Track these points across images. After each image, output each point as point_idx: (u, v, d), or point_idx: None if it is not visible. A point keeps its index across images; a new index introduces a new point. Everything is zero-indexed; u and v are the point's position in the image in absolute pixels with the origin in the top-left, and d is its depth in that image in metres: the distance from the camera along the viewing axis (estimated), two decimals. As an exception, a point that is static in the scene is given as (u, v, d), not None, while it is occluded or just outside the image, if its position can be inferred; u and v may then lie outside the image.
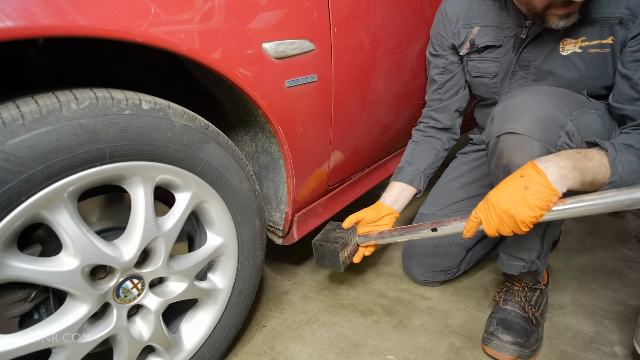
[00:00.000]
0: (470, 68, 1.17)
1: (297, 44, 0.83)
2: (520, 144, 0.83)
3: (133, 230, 0.66)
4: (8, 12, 0.45)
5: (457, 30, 1.15)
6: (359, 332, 1.06)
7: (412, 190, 1.22)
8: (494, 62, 1.10)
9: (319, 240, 1.05)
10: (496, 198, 0.76)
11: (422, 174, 1.23)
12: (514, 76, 1.08)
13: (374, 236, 1.06)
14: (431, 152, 1.26)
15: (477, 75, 1.16)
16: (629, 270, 1.29)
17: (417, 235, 0.96)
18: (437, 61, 1.24)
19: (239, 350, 1.00)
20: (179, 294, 0.76)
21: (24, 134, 0.50)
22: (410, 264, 1.24)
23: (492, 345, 0.96)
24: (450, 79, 1.23)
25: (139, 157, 0.62)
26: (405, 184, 1.21)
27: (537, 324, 0.99)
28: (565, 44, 0.97)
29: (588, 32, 0.93)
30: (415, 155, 1.26)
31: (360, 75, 1.08)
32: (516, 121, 0.84)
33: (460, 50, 1.17)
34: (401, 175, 1.23)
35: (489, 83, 1.14)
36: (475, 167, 1.29)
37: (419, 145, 1.28)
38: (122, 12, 0.55)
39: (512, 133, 0.84)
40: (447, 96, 1.25)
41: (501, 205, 0.75)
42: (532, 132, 0.81)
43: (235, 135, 1.01)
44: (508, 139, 0.85)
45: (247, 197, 0.82)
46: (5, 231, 0.52)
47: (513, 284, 1.07)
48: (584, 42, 0.94)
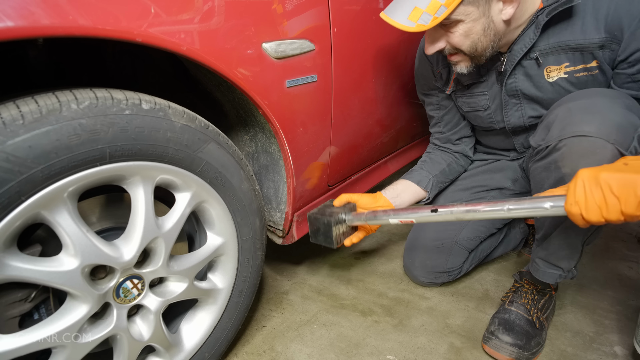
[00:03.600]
0: (460, 104, 1.17)
1: (297, 44, 0.83)
2: (591, 148, 0.75)
3: (133, 230, 0.66)
4: (8, 12, 0.45)
5: (439, 70, 1.14)
6: (359, 332, 1.06)
7: (417, 190, 1.20)
8: (482, 95, 1.10)
9: (313, 214, 1.02)
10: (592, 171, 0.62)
11: (433, 178, 1.22)
12: (507, 105, 1.07)
13: (364, 215, 0.99)
14: (444, 161, 1.26)
15: (469, 110, 1.16)
16: (629, 270, 1.29)
17: (412, 217, 0.87)
18: (429, 99, 1.24)
19: (239, 350, 1.00)
20: (179, 294, 0.76)
21: (24, 134, 0.50)
22: (412, 266, 1.23)
23: (491, 344, 0.96)
24: (446, 113, 1.24)
25: (139, 157, 0.62)
26: (411, 182, 1.19)
27: (540, 328, 0.98)
28: (549, 71, 0.95)
29: (570, 57, 0.92)
30: (427, 162, 1.26)
31: (360, 75, 1.08)
32: (587, 123, 0.76)
33: (445, 90, 1.16)
34: (410, 174, 1.22)
35: (483, 115, 1.13)
36: (480, 172, 1.28)
37: (432, 154, 1.28)
38: (122, 12, 0.55)
39: (582, 136, 0.76)
40: (447, 128, 1.26)
41: (601, 173, 0.61)
42: (607, 134, 0.74)
43: (235, 135, 1.01)
44: (576, 143, 0.77)
45: (247, 197, 0.82)
46: (5, 231, 0.52)
47: (522, 285, 1.06)
48: (568, 68, 0.93)
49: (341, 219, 1.02)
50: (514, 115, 1.08)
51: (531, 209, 0.70)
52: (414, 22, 0.84)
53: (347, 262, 1.39)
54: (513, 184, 1.23)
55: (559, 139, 0.80)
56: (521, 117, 1.07)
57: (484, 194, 1.24)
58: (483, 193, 1.25)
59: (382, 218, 0.94)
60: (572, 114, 0.81)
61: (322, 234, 1.01)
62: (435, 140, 1.30)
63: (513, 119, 1.08)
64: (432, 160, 1.26)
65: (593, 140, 0.75)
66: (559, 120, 0.83)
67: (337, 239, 1.01)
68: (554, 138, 0.82)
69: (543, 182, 0.87)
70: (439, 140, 1.29)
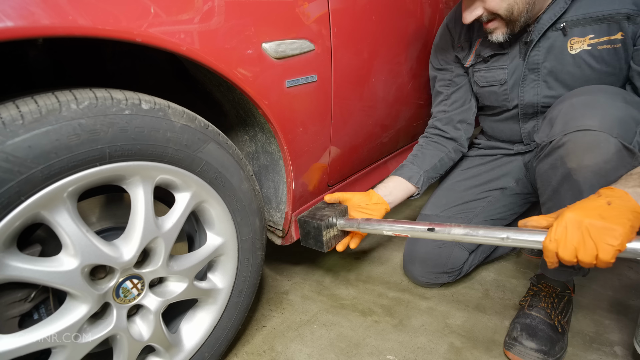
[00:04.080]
0: (477, 79, 1.17)
1: (296, 44, 0.83)
2: (594, 141, 0.76)
3: (133, 230, 0.66)
4: (8, 12, 0.45)
5: (459, 44, 1.16)
6: (359, 332, 1.06)
7: (408, 187, 1.18)
8: (501, 69, 1.10)
9: (304, 217, 1.00)
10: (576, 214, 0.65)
11: (423, 174, 1.20)
12: (524, 80, 1.07)
13: (358, 222, 0.96)
14: (435, 156, 1.24)
15: (486, 84, 1.15)
16: (629, 270, 1.29)
17: (408, 232, 0.86)
18: (442, 74, 1.25)
19: (239, 350, 1.00)
20: (178, 294, 0.76)
21: (23, 134, 0.50)
22: (412, 266, 1.23)
23: (514, 350, 0.93)
24: (456, 90, 1.24)
25: (139, 157, 0.62)
26: (403, 179, 1.18)
27: (562, 332, 0.96)
28: (573, 42, 0.96)
29: (595, 29, 0.93)
30: (419, 157, 1.24)
31: (360, 76, 1.08)
32: (590, 117, 0.78)
33: (465, 62, 1.17)
34: (400, 170, 1.20)
35: (498, 91, 1.13)
36: (482, 171, 1.28)
37: (423, 148, 1.26)
38: (122, 12, 0.55)
39: (585, 130, 0.77)
40: (452, 107, 1.25)
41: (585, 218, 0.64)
42: (610, 128, 0.76)
43: (235, 135, 1.01)
44: (579, 137, 0.78)
45: (247, 197, 0.82)
46: (5, 231, 0.52)
47: (540, 289, 1.04)
48: (592, 40, 0.94)
49: (332, 223, 1.00)
50: (529, 93, 1.07)
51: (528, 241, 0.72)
52: None
53: (347, 262, 1.39)
54: (516, 183, 1.22)
55: (563, 134, 0.81)
56: (536, 95, 1.07)
57: (486, 194, 1.24)
58: (485, 193, 1.24)
59: (376, 228, 0.92)
60: (575, 109, 0.82)
61: (313, 238, 1.00)
62: (436, 122, 1.27)
63: (528, 96, 1.08)
64: (424, 155, 1.24)
65: (596, 134, 0.76)
66: (562, 115, 0.84)
67: (327, 243, 1.00)
68: (558, 133, 0.83)
69: (550, 179, 0.88)
70: (439, 122, 1.27)
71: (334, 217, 1.01)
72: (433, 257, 1.19)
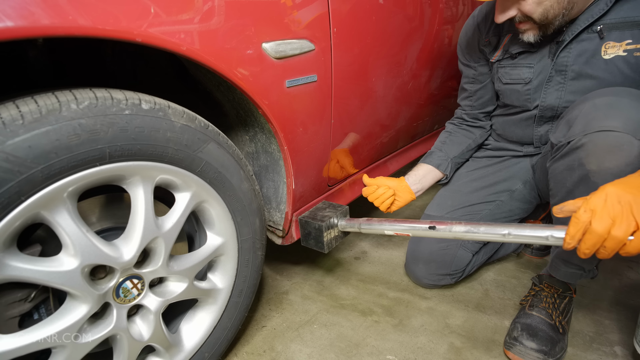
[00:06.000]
0: (501, 75, 1.15)
1: (297, 44, 0.83)
2: (617, 143, 0.74)
3: (133, 230, 0.66)
4: (8, 12, 0.45)
5: (487, 39, 1.14)
6: (359, 332, 1.06)
7: (437, 174, 1.25)
8: (527, 67, 1.07)
9: (305, 217, 1.02)
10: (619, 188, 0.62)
11: (451, 160, 1.27)
12: (549, 82, 1.03)
13: (359, 223, 0.98)
14: (463, 143, 1.29)
15: (509, 82, 1.12)
16: (629, 270, 1.29)
17: (409, 230, 0.87)
18: (467, 71, 1.26)
19: (239, 350, 1.00)
20: (178, 294, 0.76)
21: (23, 134, 0.50)
22: (415, 267, 1.22)
23: (515, 350, 0.93)
24: (480, 88, 1.25)
25: (139, 157, 0.62)
26: (433, 167, 1.24)
27: (563, 332, 0.96)
28: (608, 47, 0.92)
29: (634, 34, 0.89)
30: (447, 144, 1.29)
31: (360, 75, 1.08)
32: (613, 118, 0.75)
33: (491, 57, 1.15)
34: (430, 158, 1.27)
35: (521, 90, 1.10)
36: (489, 172, 1.27)
37: (452, 135, 1.31)
38: (122, 12, 0.55)
39: (607, 131, 0.75)
40: (478, 104, 1.28)
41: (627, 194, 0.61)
42: (634, 130, 0.73)
43: (235, 135, 1.01)
44: (601, 138, 0.76)
45: (247, 197, 0.82)
46: (5, 231, 0.52)
47: (542, 289, 1.04)
48: (629, 45, 0.90)
49: (333, 224, 1.02)
50: (553, 95, 1.04)
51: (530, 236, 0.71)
52: None
53: (347, 262, 1.39)
54: (523, 185, 1.21)
55: (583, 134, 0.79)
56: (558, 99, 1.03)
57: (493, 197, 1.22)
58: (493, 196, 1.22)
59: (377, 228, 0.93)
60: (597, 109, 0.79)
61: (314, 238, 1.01)
62: (464, 114, 1.32)
63: (550, 98, 1.05)
64: (452, 141, 1.30)
65: (619, 135, 0.74)
66: (582, 115, 0.81)
67: (328, 243, 1.01)
68: (577, 133, 0.80)
69: (565, 180, 0.85)
70: (467, 115, 1.31)
71: (335, 217, 1.02)
72: (437, 258, 1.18)
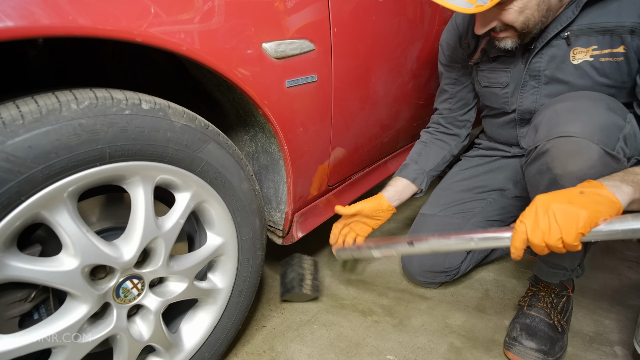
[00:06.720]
0: (480, 78, 1.16)
1: (297, 44, 0.83)
2: (576, 148, 0.77)
3: (133, 230, 0.66)
4: (8, 12, 0.45)
5: (466, 40, 1.15)
6: (359, 332, 1.06)
7: (413, 188, 1.23)
8: (504, 72, 1.09)
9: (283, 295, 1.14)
10: (546, 198, 0.69)
11: (426, 174, 1.25)
12: (524, 86, 1.06)
13: (350, 249, 1.07)
14: (438, 154, 1.28)
15: (488, 85, 1.15)
16: (629, 270, 1.29)
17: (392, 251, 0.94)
18: (448, 72, 1.25)
19: (239, 350, 1.00)
20: (179, 294, 0.76)
21: (23, 134, 0.50)
22: (409, 265, 1.24)
23: (514, 350, 0.93)
24: (461, 90, 1.24)
25: (139, 157, 0.62)
26: (409, 181, 1.23)
27: (562, 332, 0.97)
28: (576, 52, 0.94)
29: (599, 40, 0.91)
30: (422, 155, 1.27)
31: (360, 75, 1.08)
32: (572, 123, 0.78)
33: (470, 60, 1.16)
34: (405, 171, 1.24)
35: (499, 93, 1.12)
36: (481, 172, 1.28)
37: (427, 146, 1.29)
38: (122, 12, 0.55)
39: (567, 136, 0.78)
40: (457, 106, 1.27)
41: (552, 203, 0.67)
42: (591, 134, 0.76)
43: (235, 135, 1.01)
44: (562, 143, 0.79)
45: (247, 197, 0.82)
46: (5, 231, 0.52)
47: (539, 289, 1.04)
48: (595, 51, 0.92)
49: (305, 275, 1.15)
50: (529, 99, 1.06)
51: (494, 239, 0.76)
52: (472, 4, 0.83)
53: (347, 262, 1.39)
54: (514, 185, 1.22)
55: (547, 139, 0.82)
56: (534, 102, 1.06)
57: (485, 195, 1.24)
58: (484, 194, 1.24)
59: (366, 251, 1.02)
60: (558, 115, 0.82)
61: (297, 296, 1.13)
62: (441, 119, 1.30)
63: (526, 102, 1.07)
64: (428, 154, 1.28)
65: (578, 141, 0.77)
66: (545, 121, 0.84)
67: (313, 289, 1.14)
68: (542, 139, 0.83)
69: (538, 184, 0.87)
70: (444, 119, 1.30)
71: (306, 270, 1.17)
72: (431, 256, 1.19)
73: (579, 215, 0.64)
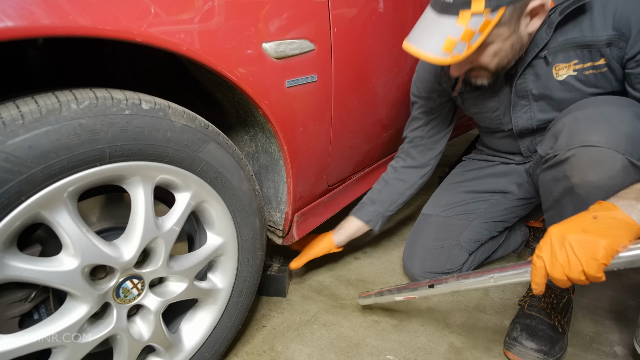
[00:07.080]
0: (468, 106, 1.16)
1: (297, 44, 0.83)
2: (599, 158, 0.74)
3: (133, 230, 0.66)
4: (8, 12, 0.45)
5: (444, 72, 1.12)
6: (359, 332, 1.06)
7: (367, 228, 1.26)
8: (491, 96, 1.08)
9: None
10: (560, 229, 0.65)
11: (382, 215, 1.26)
12: (515, 106, 1.05)
13: (372, 296, 1.07)
14: (397, 196, 1.27)
15: (478, 112, 1.14)
16: (629, 270, 1.29)
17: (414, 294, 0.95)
18: (423, 102, 1.21)
19: (239, 350, 1.00)
20: (179, 294, 0.76)
21: (23, 134, 0.50)
22: (410, 265, 1.23)
23: (514, 350, 0.93)
24: (435, 118, 1.22)
25: (139, 157, 0.62)
26: (363, 223, 1.25)
27: (562, 332, 0.96)
28: (558, 69, 0.94)
29: (578, 55, 0.91)
30: (382, 194, 1.27)
31: (360, 75, 1.08)
32: (595, 132, 0.76)
33: (452, 91, 1.14)
34: (360, 213, 1.26)
35: (491, 117, 1.12)
36: (484, 174, 1.27)
37: (388, 185, 1.27)
38: (122, 12, 0.55)
39: (590, 146, 0.75)
40: (429, 134, 1.24)
41: (568, 234, 0.63)
42: (616, 144, 0.73)
43: (235, 135, 1.01)
44: (584, 153, 0.76)
45: (247, 197, 0.82)
46: (5, 231, 0.52)
47: None
48: (577, 65, 0.92)
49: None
50: (522, 117, 1.06)
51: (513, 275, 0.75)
52: (449, 53, 0.81)
53: (347, 262, 1.39)
54: (518, 188, 1.22)
55: (567, 148, 0.80)
56: (529, 120, 1.05)
57: (488, 197, 1.23)
58: (487, 195, 1.24)
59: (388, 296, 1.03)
60: (580, 123, 0.80)
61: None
62: (411, 148, 1.26)
63: (521, 121, 1.07)
64: (389, 192, 1.26)
65: (602, 151, 0.74)
66: (566, 129, 0.82)
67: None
68: (562, 148, 0.81)
69: (552, 190, 0.87)
70: (415, 149, 1.26)
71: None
72: (432, 256, 1.19)
73: (597, 245, 0.60)
